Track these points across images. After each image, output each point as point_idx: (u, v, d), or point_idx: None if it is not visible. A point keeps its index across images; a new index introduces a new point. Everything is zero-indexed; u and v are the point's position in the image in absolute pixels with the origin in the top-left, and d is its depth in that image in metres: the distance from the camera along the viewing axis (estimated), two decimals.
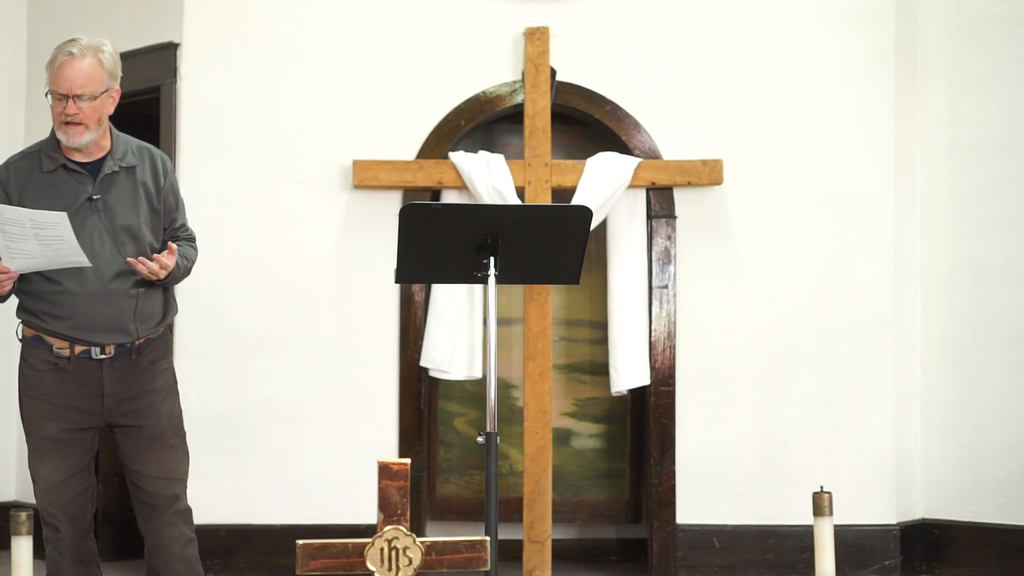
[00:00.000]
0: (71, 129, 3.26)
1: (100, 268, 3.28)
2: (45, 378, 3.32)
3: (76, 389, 3.33)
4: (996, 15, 5.14)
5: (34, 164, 3.32)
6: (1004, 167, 5.09)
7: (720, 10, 5.08)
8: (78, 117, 3.25)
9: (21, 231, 3.12)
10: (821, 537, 3.05)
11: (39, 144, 3.39)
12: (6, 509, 5.40)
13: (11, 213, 3.14)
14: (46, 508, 3.37)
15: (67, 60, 3.24)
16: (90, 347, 3.31)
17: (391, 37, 5.06)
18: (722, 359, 5.01)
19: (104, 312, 3.30)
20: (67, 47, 3.26)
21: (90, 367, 3.32)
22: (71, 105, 3.24)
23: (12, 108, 5.78)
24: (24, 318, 3.37)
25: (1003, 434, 5.04)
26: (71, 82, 3.23)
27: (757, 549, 4.95)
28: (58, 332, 3.30)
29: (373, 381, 4.99)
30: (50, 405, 3.33)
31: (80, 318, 3.28)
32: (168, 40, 5.10)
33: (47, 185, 3.29)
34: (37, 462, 3.38)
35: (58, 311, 3.29)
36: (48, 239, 3.14)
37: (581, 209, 3.60)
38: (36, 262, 3.21)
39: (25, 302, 3.35)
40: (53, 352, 3.31)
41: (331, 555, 2.49)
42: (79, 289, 3.28)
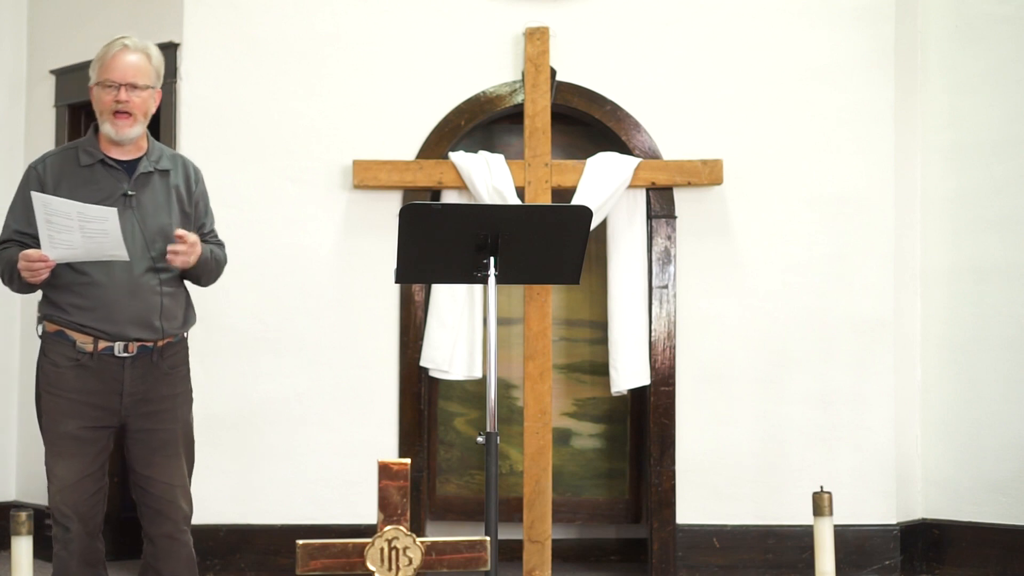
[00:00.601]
0: (120, 120, 3.33)
1: (130, 263, 3.32)
2: (66, 374, 3.32)
3: (96, 386, 3.33)
4: (996, 15, 5.14)
5: (70, 158, 3.37)
6: (1004, 167, 5.10)
7: (720, 10, 5.08)
8: (128, 106, 3.32)
9: (67, 223, 3.17)
10: (821, 537, 3.05)
11: (76, 142, 3.45)
12: (6, 509, 5.40)
13: (59, 205, 3.18)
14: (59, 507, 3.35)
15: (121, 51, 3.33)
16: (114, 343, 3.32)
17: (391, 37, 5.07)
18: (722, 359, 5.01)
19: (132, 305, 3.32)
20: (120, 41, 3.36)
21: (112, 364, 3.33)
22: (123, 92, 3.31)
23: (12, 108, 5.78)
24: (47, 313, 3.37)
25: (1003, 434, 5.04)
26: (124, 71, 3.31)
27: (757, 549, 4.95)
28: (84, 324, 3.30)
29: (373, 381, 5.00)
30: (69, 402, 3.32)
31: (107, 310, 3.30)
32: (168, 40, 5.09)
33: (83, 179, 3.34)
34: (54, 460, 3.36)
35: (85, 302, 3.30)
36: (93, 232, 3.19)
37: (581, 209, 3.60)
38: (76, 253, 3.24)
39: (50, 295, 3.36)
40: (76, 348, 3.31)
41: (331, 555, 2.49)
42: (108, 281, 3.31)
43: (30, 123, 5.76)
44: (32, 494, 5.62)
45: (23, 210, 3.33)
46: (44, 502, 5.49)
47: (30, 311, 5.67)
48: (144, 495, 3.46)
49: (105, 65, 3.33)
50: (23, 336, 5.74)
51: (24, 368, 5.72)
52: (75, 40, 5.53)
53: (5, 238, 3.37)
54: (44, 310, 3.38)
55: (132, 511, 5.52)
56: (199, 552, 4.83)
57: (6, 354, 5.74)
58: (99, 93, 3.34)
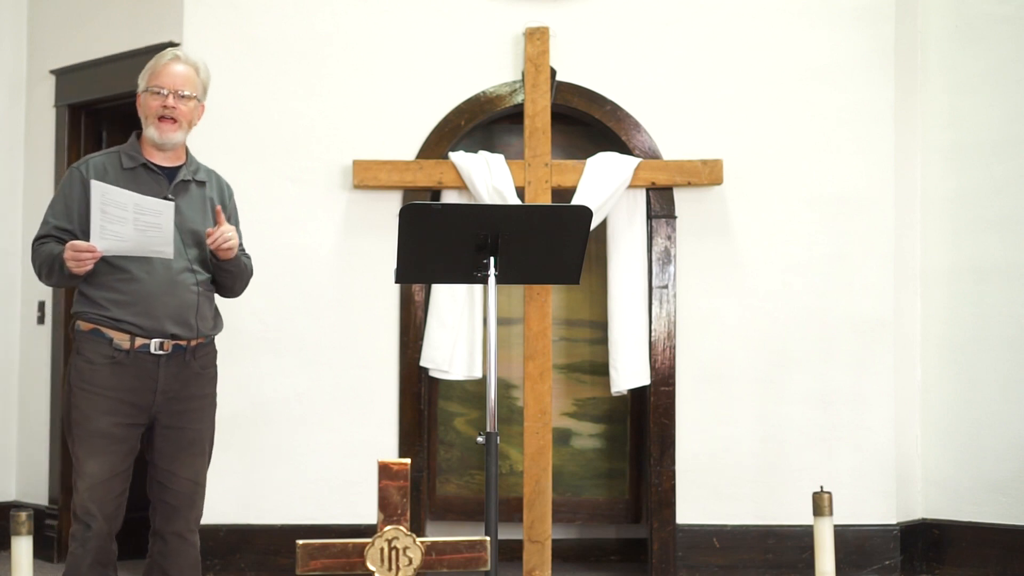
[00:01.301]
0: (165, 125, 3.44)
1: (168, 262, 3.39)
2: (101, 371, 3.35)
3: (131, 383, 3.37)
4: (996, 15, 5.14)
5: (113, 161, 3.45)
6: (1004, 167, 5.10)
7: (720, 10, 5.08)
8: (175, 113, 3.43)
9: (121, 214, 3.24)
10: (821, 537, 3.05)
11: (118, 147, 3.53)
12: (6, 509, 5.40)
13: (117, 195, 3.25)
14: (84, 505, 3.36)
15: (173, 60, 3.47)
16: (150, 340, 3.37)
17: (391, 37, 5.07)
18: (722, 359, 5.01)
19: (169, 302, 3.39)
20: (172, 51, 3.51)
21: (147, 362, 3.38)
22: (171, 99, 3.43)
23: (12, 108, 5.78)
24: (82, 310, 3.41)
25: (1003, 434, 5.04)
26: (174, 79, 3.44)
27: (757, 549, 4.95)
28: (121, 319, 3.35)
29: (373, 381, 5.00)
30: (104, 399, 3.35)
31: (146, 305, 3.36)
32: (168, 40, 5.09)
33: (125, 181, 3.40)
34: (86, 457, 3.36)
35: (124, 297, 3.36)
36: (146, 226, 3.27)
37: (581, 209, 3.60)
38: (124, 246, 3.29)
39: (87, 291, 3.40)
40: (112, 345, 3.36)
41: (331, 555, 2.49)
42: (147, 277, 3.37)
43: (30, 123, 5.77)
44: (32, 494, 5.62)
45: (64, 207, 3.40)
46: (44, 502, 5.53)
47: (30, 311, 5.68)
48: (163, 491, 3.49)
49: (155, 73, 3.46)
50: (23, 336, 5.74)
51: (24, 368, 5.73)
52: (75, 40, 5.53)
53: (44, 234, 3.41)
54: (79, 307, 3.42)
55: (133, 511, 5.55)
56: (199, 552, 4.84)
57: (6, 354, 5.74)
58: (147, 99, 3.45)
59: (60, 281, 3.39)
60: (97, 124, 5.63)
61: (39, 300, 5.62)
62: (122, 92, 5.38)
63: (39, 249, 3.41)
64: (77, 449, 3.37)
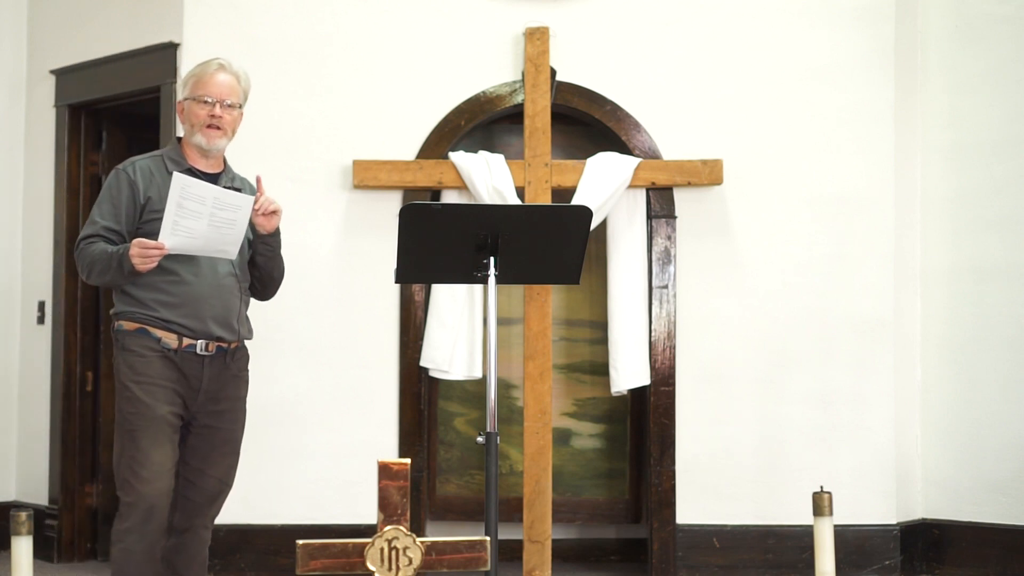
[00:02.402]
0: (212, 132, 3.50)
1: (215, 265, 3.46)
2: (154, 363, 3.39)
3: (180, 377, 3.42)
4: (996, 15, 5.14)
5: (158, 165, 3.50)
6: (1004, 167, 5.10)
7: (719, 10, 5.08)
8: (221, 122, 3.50)
9: (198, 208, 3.29)
10: (821, 537, 3.05)
11: (160, 151, 3.58)
12: (6, 509, 5.40)
13: (198, 188, 3.30)
14: (147, 496, 3.33)
15: (219, 70, 3.54)
16: (196, 341, 3.42)
17: (391, 37, 5.07)
18: (722, 359, 5.01)
19: (215, 305, 3.45)
20: (216, 61, 3.57)
21: (193, 362, 3.43)
22: (217, 109, 3.50)
23: (12, 108, 5.78)
24: (125, 310, 3.43)
25: (1003, 434, 5.04)
26: (220, 89, 3.51)
27: (757, 549, 4.95)
28: (170, 320, 3.40)
29: (373, 381, 4.99)
30: (161, 388, 3.38)
31: (193, 307, 3.42)
32: (168, 40, 5.10)
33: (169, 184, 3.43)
34: (151, 447, 3.35)
35: (172, 299, 3.41)
36: (221, 222, 3.33)
37: (581, 209, 3.59)
38: (193, 244, 3.33)
39: (134, 292, 3.42)
40: (160, 344, 3.40)
41: (331, 555, 2.49)
42: (195, 279, 3.43)
43: (30, 123, 5.76)
44: (32, 494, 5.62)
45: (111, 208, 3.43)
46: (44, 502, 5.53)
47: (30, 311, 5.68)
48: (190, 488, 3.50)
49: (202, 82, 3.51)
50: (23, 336, 5.74)
51: (24, 368, 5.72)
52: (75, 40, 5.53)
53: (92, 233, 3.43)
54: (122, 307, 3.44)
55: None
56: None
57: (6, 354, 5.74)
58: (193, 107, 3.50)
59: (116, 279, 3.40)
60: (97, 124, 5.63)
61: (39, 300, 5.62)
62: (122, 92, 5.39)
63: (87, 248, 3.42)
64: (141, 440, 3.35)
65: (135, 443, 3.35)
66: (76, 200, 5.54)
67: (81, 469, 5.49)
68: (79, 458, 5.48)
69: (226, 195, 3.35)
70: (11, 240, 5.76)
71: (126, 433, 3.38)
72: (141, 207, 3.43)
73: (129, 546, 3.33)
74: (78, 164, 5.56)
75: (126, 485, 3.36)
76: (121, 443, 3.40)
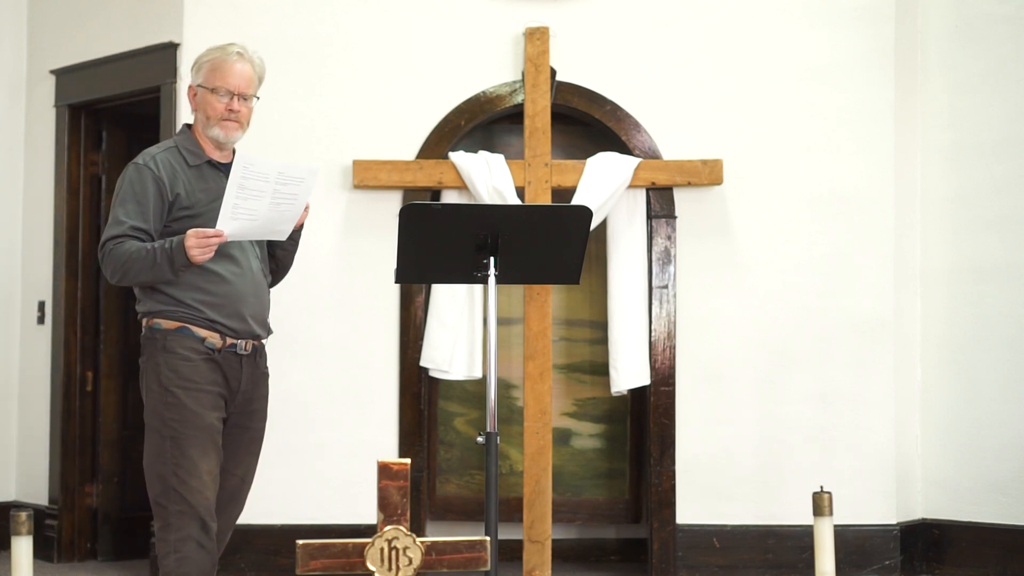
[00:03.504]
0: (229, 125, 3.39)
1: (250, 261, 3.38)
2: (200, 367, 3.28)
3: (223, 380, 3.33)
4: (996, 15, 5.14)
5: (176, 157, 3.36)
6: (1004, 167, 5.10)
7: (720, 10, 5.08)
8: (239, 116, 3.39)
9: (261, 187, 3.17)
10: (821, 537, 3.05)
11: (173, 141, 3.44)
12: (6, 509, 5.40)
13: (261, 166, 3.16)
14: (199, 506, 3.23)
15: (236, 60, 3.40)
16: (237, 340, 3.35)
17: (391, 37, 5.07)
18: (722, 359, 5.01)
19: (254, 304, 3.39)
20: (230, 48, 3.42)
21: (233, 361, 3.35)
22: (235, 102, 3.38)
23: (12, 108, 5.79)
24: (163, 309, 3.29)
25: (1003, 434, 5.04)
26: (238, 81, 3.39)
27: (757, 549, 4.95)
28: (213, 320, 3.30)
29: (373, 381, 4.99)
30: (207, 394, 3.28)
31: (236, 306, 3.33)
32: (168, 40, 5.10)
33: (194, 177, 3.35)
34: (200, 456, 3.25)
35: (215, 299, 3.30)
36: (282, 198, 3.21)
37: (581, 209, 3.59)
38: (252, 226, 3.23)
39: (170, 292, 3.29)
40: (204, 344, 3.30)
41: (331, 555, 2.49)
42: (235, 278, 3.34)
43: (30, 123, 5.77)
44: (32, 494, 5.62)
45: (136, 207, 3.26)
46: (44, 502, 5.53)
47: (30, 311, 5.68)
48: None
49: (220, 72, 3.38)
50: (23, 336, 5.74)
51: (24, 368, 5.72)
52: (75, 40, 5.53)
53: (119, 233, 3.25)
54: (158, 306, 3.30)
55: (132, 511, 5.57)
56: None
57: (6, 354, 5.74)
58: (209, 97, 3.38)
59: (162, 276, 3.24)
60: (97, 124, 5.63)
61: (39, 300, 5.62)
62: (122, 92, 5.39)
63: (117, 249, 3.24)
64: (189, 449, 3.23)
65: (181, 451, 3.23)
66: (76, 200, 5.54)
67: (81, 469, 5.49)
68: (79, 458, 5.48)
69: (291, 168, 3.21)
70: (11, 240, 5.76)
71: (168, 439, 3.24)
72: (169, 204, 3.28)
73: (188, 554, 3.21)
74: (78, 164, 5.56)
75: (173, 494, 3.23)
76: (160, 447, 3.26)
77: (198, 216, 3.29)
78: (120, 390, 5.62)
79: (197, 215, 3.29)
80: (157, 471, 3.25)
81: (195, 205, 3.30)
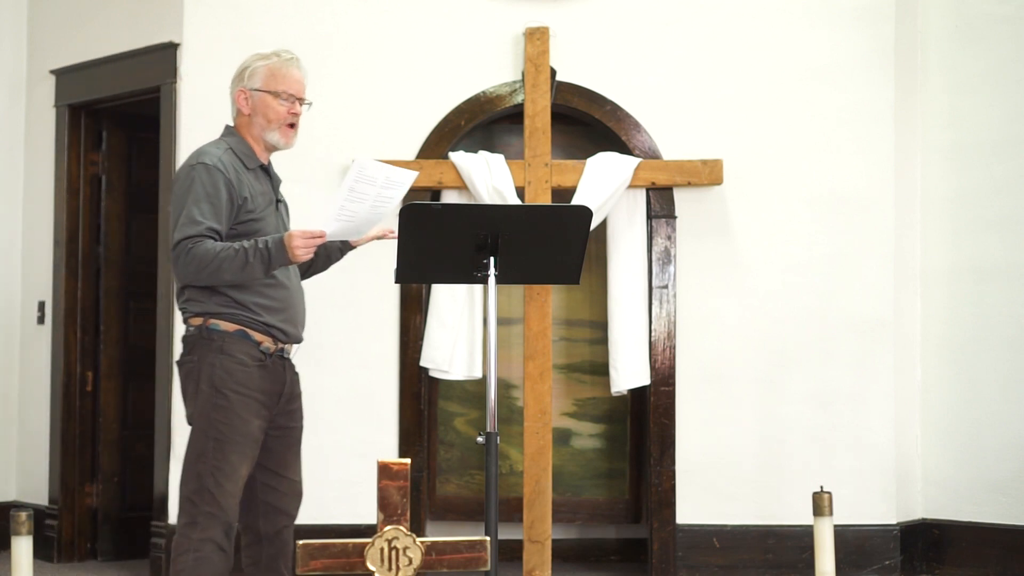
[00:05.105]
0: (291, 131, 3.48)
1: (296, 267, 3.46)
2: (253, 374, 3.32)
3: (271, 386, 3.38)
4: (996, 15, 5.14)
5: (235, 159, 3.40)
6: (1004, 167, 5.10)
7: (719, 10, 5.08)
8: (297, 119, 3.48)
9: (367, 190, 3.26)
10: (821, 537, 3.05)
11: (224, 142, 3.46)
12: (6, 509, 5.40)
13: (372, 170, 3.25)
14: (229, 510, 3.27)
15: (295, 66, 3.49)
16: (286, 344, 3.41)
17: (391, 37, 5.07)
18: (722, 359, 5.01)
19: (301, 308, 3.50)
20: (289, 55, 3.50)
21: (279, 365, 3.41)
22: (297, 106, 3.47)
23: (12, 108, 5.79)
24: (222, 311, 3.31)
25: (1003, 434, 5.04)
26: (299, 86, 3.48)
27: (757, 549, 4.95)
28: (270, 325, 3.35)
29: (373, 381, 4.99)
30: (255, 402, 3.32)
31: (291, 311, 3.42)
32: (168, 40, 5.10)
33: (252, 179, 3.41)
34: (240, 462, 3.29)
35: (274, 304, 3.37)
36: (382, 201, 3.30)
37: (581, 209, 3.59)
38: (348, 227, 3.32)
39: (230, 294, 3.31)
40: (260, 348, 3.34)
41: (331, 555, 2.49)
42: (288, 283, 3.42)
43: (30, 123, 5.77)
44: (32, 494, 5.62)
45: (212, 208, 3.27)
46: (44, 502, 5.53)
47: (30, 311, 5.68)
48: (270, 492, 3.45)
49: (280, 77, 3.44)
50: (23, 336, 5.74)
51: (24, 368, 5.72)
52: (75, 40, 5.53)
53: (196, 233, 3.24)
54: (216, 307, 3.32)
55: (132, 511, 5.57)
56: None
57: (6, 354, 5.74)
58: (271, 102, 3.43)
59: (253, 274, 3.26)
60: (97, 124, 5.63)
61: (39, 300, 5.62)
62: (122, 92, 5.39)
63: (198, 248, 3.22)
64: (230, 454, 3.27)
65: (223, 453, 3.26)
66: (76, 200, 5.54)
67: (81, 469, 5.50)
68: (79, 458, 5.48)
69: (396, 173, 3.31)
70: (11, 240, 5.76)
71: (212, 440, 3.27)
72: (237, 207, 3.32)
73: (207, 555, 3.23)
74: (78, 164, 5.56)
75: (206, 494, 3.25)
76: (203, 447, 3.28)
77: (260, 219, 3.38)
78: (120, 390, 5.63)
79: (260, 218, 3.37)
80: (196, 470, 3.28)
81: (257, 208, 3.37)
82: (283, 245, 3.23)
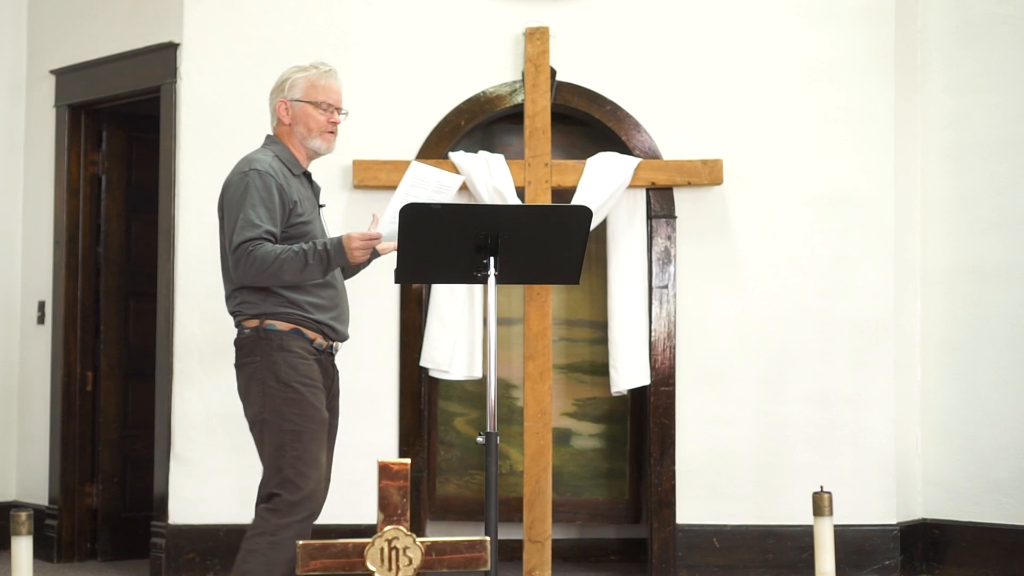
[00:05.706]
0: (331, 138, 3.65)
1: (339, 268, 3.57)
2: (313, 366, 3.49)
3: (325, 380, 3.55)
4: (996, 15, 5.14)
5: (282, 166, 3.54)
6: (1004, 167, 5.10)
7: (719, 10, 5.08)
8: (336, 128, 3.64)
9: (419, 194, 3.44)
10: (821, 537, 3.05)
11: (270, 150, 3.59)
12: (6, 509, 5.40)
13: (425, 174, 3.44)
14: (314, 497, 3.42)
15: (333, 76, 3.63)
16: (334, 341, 3.57)
17: (392, 37, 5.07)
18: (722, 359, 5.01)
19: (346, 306, 3.64)
20: (325, 66, 3.64)
21: (329, 362, 3.58)
22: (336, 115, 3.63)
23: (12, 108, 5.79)
24: (278, 311, 3.45)
25: (1003, 434, 5.04)
26: (338, 96, 3.64)
27: (757, 549, 4.95)
28: (321, 323, 3.49)
29: (373, 381, 4.99)
30: (321, 391, 3.50)
31: (339, 310, 3.58)
32: (168, 40, 5.10)
33: (299, 186, 3.56)
34: (319, 451, 3.46)
35: (324, 303, 3.52)
36: None
37: (581, 209, 3.59)
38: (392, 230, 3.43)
39: (285, 294, 3.45)
40: (313, 344, 3.49)
41: (331, 555, 2.49)
42: (337, 283, 3.59)
43: (30, 123, 5.77)
44: (32, 494, 5.62)
45: (267, 212, 3.42)
46: (44, 502, 5.53)
47: (30, 311, 5.68)
48: None
49: (320, 87, 3.59)
50: (23, 336, 5.74)
51: (24, 368, 5.72)
52: (75, 40, 5.53)
53: (255, 236, 3.38)
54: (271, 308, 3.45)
55: (132, 511, 5.57)
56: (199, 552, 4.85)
57: (6, 354, 5.74)
58: (312, 111, 3.59)
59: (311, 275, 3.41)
60: (97, 124, 5.63)
61: (39, 300, 5.62)
62: (122, 92, 5.39)
63: (259, 250, 3.36)
64: (310, 443, 3.41)
65: (303, 444, 3.40)
66: (76, 200, 5.54)
67: (81, 469, 5.50)
68: (79, 458, 5.49)
69: (446, 177, 3.48)
70: (11, 240, 5.76)
71: (289, 433, 3.40)
72: (288, 211, 3.46)
73: (282, 541, 3.34)
74: (78, 164, 5.56)
75: (290, 484, 3.38)
76: (280, 441, 3.41)
77: (309, 222, 3.52)
78: (120, 390, 5.63)
79: (308, 221, 3.51)
80: (277, 464, 3.42)
81: (305, 212, 3.51)
82: (342, 247, 3.39)
